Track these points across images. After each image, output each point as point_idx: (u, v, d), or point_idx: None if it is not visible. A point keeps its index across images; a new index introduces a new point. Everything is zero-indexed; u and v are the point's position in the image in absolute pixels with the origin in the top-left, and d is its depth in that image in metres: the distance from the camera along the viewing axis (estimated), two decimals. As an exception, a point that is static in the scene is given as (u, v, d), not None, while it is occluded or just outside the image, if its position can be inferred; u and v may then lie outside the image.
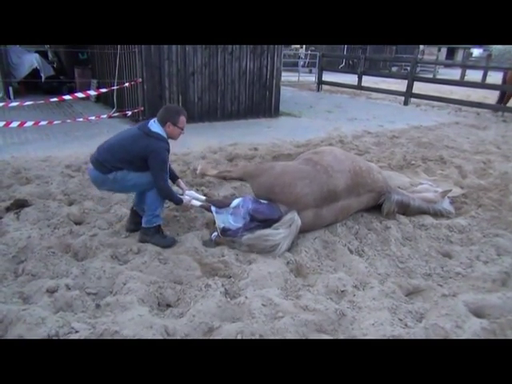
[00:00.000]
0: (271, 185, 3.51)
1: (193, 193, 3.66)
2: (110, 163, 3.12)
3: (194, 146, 6.50)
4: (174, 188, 3.61)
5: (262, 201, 3.49)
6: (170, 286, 2.80)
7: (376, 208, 4.09)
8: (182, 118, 3.21)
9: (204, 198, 3.68)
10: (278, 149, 6.54)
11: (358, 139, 7.54)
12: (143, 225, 3.34)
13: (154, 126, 3.17)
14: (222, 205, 3.52)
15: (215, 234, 3.40)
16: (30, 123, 6.30)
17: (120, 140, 3.19)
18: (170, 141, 3.25)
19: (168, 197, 3.30)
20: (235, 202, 3.45)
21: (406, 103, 12.25)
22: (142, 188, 3.28)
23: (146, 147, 3.07)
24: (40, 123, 6.46)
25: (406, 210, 4.10)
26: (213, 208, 3.45)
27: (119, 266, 3.02)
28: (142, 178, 3.19)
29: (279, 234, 3.28)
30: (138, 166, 3.15)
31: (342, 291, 2.86)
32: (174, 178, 3.60)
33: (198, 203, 3.51)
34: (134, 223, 3.49)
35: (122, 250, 3.22)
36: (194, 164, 5.46)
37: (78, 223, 3.69)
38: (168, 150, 3.19)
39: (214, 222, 3.46)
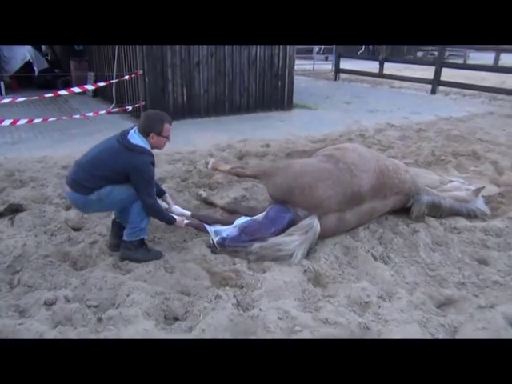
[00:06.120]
0: (289, 186, 3.48)
1: (178, 208, 3.61)
2: (89, 182, 3.01)
3: (200, 143, 6.53)
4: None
5: (260, 219, 3.49)
6: (177, 297, 2.82)
7: (402, 209, 4.06)
8: (167, 126, 3.10)
9: (189, 213, 3.64)
10: (292, 145, 6.53)
11: (380, 133, 7.48)
12: (125, 237, 3.22)
13: (135, 137, 3.06)
14: (213, 221, 3.56)
15: (211, 245, 3.42)
16: (23, 121, 6.39)
17: (98, 155, 3.07)
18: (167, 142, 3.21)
19: (156, 215, 3.23)
20: (239, 221, 3.49)
21: (433, 92, 12.12)
22: (133, 201, 3.15)
23: (127, 163, 2.98)
24: (34, 121, 6.54)
25: (436, 211, 4.06)
26: (210, 228, 3.44)
27: (122, 275, 3.05)
28: (130, 189, 3.09)
29: (293, 241, 3.28)
30: (121, 182, 3.07)
31: (366, 302, 2.84)
32: (160, 193, 3.50)
33: (189, 222, 3.47)
34: (119, 237, 3.34)
35: (124, 259, 3.25)
36: (200, 163, 5.48)
37: (76, 229, 3.74)
38: (153, 164, 3.10)
39: (211, 237, 3.47)
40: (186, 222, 3.47)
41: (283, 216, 3.43)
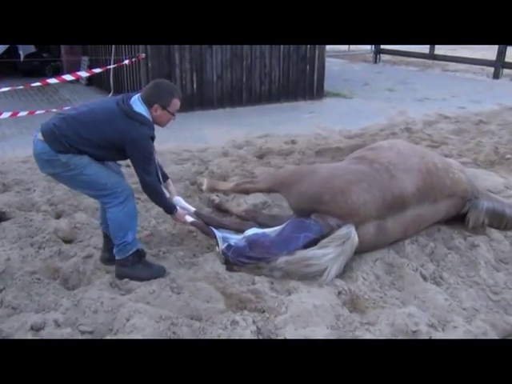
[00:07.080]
0: (318, 192, 3.50)
1: (180, 200, 3.62)
2: (69, 140, 2.96)
3: (213, 139, 6.58)
4: None
5: (273, 235, 3.52)
6: (186, 322, 2.83)
7: (457, 219, 4.02)
8: (175, 101, 3.12)
9: (194, 209, 3.67)
10: (324, 141, 6.52)
11: (430, 126, 7.43)
12: (116, 256, 3.24)
13: (138, 104, 3.07)
14: (219, 225, 3.60)
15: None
16: (6, 114, 6.56)
17: (91, 113, 3.07)
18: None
19: (154, 198, 3.23)
20: (250, 232, 3.52)
21: (496, 76, 11.98)
22: (97, 192, 3.14)
23: (123, 132, 2.99)
24: (19, 114, 6.71)
25: (499, 220, 4.01)
26: (218, 233, 3.49)
27: (121, 296, 3.09)
28: (101, 177, 3.07)
29: (326, 255, 3.27)
30: (106, 152, 3.08)
31: (414, 332, 2.80)
32: (163, 176, 3.47)
33: (193, 221, 3.51)
34: (109, 250, 3.37)
35: (123, 276, 3.29)
36: (213, 163, 5.53)
37: (67, 241, 3.80)
38: (152, 138, 3.12)
39: (217, 244, 3.52)
40: (189, 219, 3.48)
41: (298, 236, 3.42)
